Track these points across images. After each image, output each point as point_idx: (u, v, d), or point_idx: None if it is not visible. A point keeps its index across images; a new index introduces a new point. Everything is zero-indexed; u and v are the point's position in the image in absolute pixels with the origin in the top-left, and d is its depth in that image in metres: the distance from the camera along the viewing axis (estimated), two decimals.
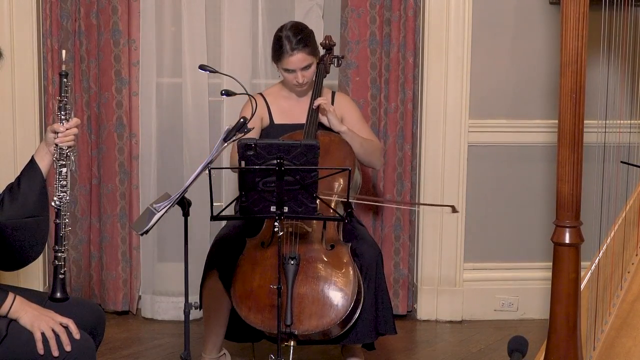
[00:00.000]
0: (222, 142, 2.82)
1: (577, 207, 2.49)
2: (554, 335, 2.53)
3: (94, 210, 4.28)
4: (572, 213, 2.48)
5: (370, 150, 3.58)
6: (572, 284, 2.49)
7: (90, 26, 4.15)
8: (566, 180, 2.47)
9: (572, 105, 2.44)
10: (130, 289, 4.32)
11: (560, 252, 2.50)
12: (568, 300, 2.50)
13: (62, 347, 2.41)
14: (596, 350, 2.79)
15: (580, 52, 2.41)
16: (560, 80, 2.45)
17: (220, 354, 3.56)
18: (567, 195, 2.47)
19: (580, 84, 2.43)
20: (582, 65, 2.42)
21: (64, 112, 2.56)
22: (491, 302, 4.40)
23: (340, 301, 3.12)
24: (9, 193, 2.50)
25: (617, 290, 3.01)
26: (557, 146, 2.49)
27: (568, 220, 2.49)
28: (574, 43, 2.41)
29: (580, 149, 2.46)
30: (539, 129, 4.30)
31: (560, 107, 2.46)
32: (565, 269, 2.50)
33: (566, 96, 2.44)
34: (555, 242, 2.51)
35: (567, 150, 2.46)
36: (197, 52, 4.20)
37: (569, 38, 2.41)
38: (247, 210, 2.90)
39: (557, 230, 2.50)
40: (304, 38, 3.48)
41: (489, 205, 4.37)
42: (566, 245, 2.49)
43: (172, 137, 4.33)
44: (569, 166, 2.46)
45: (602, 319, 2.89)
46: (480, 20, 4.23)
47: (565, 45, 2.42)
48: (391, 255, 4.34)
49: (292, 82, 3.52)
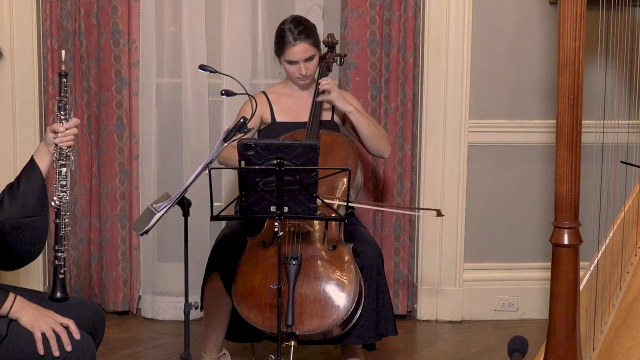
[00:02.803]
0: (222, 142, 2.82)
1: (576, 208, 2.48)
2: (554, 336, 2.52)
3: (94, 210, 4.28)
4: (570, 214, 2.48)
5: (378, 132, 3.56)
6: (571, 285, 2.49)
7: (90, 26, 4.15)
8: (564, 181, 2.46)
9: (570, 106, 2.43)
10: (130, 289, 4.32)
11: (559, 253, 2.49)
12: (567, 301, 2.49)
13: (63, 347, 2.40)
14: (595, 350, 2.79)
15: (578, 53, 2.41)
16: (557, 81, 2.44)
17: (221, 354, 3.56)
18: (566, 196, 2.46)
19: (578, 84, 2.42)
20: (580, 66, 2.41)
21: (63, 112, 2.56)
22: (491, 302, 4.40)
23: (342, 302, 3.11)
24: (8, 193, 2.50)
25: (617, 290, 3.01)
26: (555, 147, 2.48)
27: (567, 222, 2.48)
28: (571, 44, 2.41)
29: (578, 150, 2.45)
30: (538, 129, 4.30)
31: (558, 108, 2.45)
32: (564, 270, 2.49)
33: (564, 97, 2.43)
34: (553, 243, 2.51)
35: (565, 151, 2.45)
36: (197, 52, 4.20)
37: (567, 39, 2.41)
38: (247, 210, 2.90)
39: (555, 232, 2.50)
40: (307, 29, 3.48)
41: (489, 205, 4.37)
42: (565, 247, 2.48)
43: (172, 137, 4.33)
44: (568, 167, 2.45)
45: (602, 319, 2.89)
46: (480, 20, 4.23)
47: (562, 46, 2.42)
48: (391, 255, 4.34)
49: (295, 75, 3.52)
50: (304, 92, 3.60)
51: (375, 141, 3.54)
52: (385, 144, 3.60)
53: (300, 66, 3.49)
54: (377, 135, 3.55)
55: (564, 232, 2.48)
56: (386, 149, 3.62)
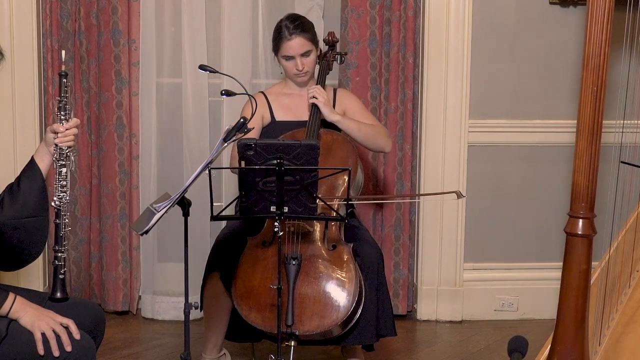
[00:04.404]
0: (222, 142, 2.82)
1: (592, 198, 2.51)
2: (562, 326, 2.54)
3: (94, 210, 4.28)
4: (586, 204, 2.50)
5: (372, 133, 3.55)
6: (582, 276, 2.51)
7: (90, 26, 4.15)
8: (582, 172, 2.49)
9: (592, 97, 2.46)
10: (130, 289, 4.32)
11: (573, 242, 2.52)
12: (578, 291, 2.51)
13: (63, 347, 2.41)
14: (602, 345, 2.80)
15: (604, 46, 2.44)
16: (582, 73, 2.47)
17: (221, 354, 3.56)
18: (583, 187, 2.50)
19: (602, 77, 2.46)
20: (605, 59, 2.45)
21: (63, 113, 2.56)
22: (491, 302, 4.40)
23: (342, 302, 3.11)
24: (9, 193, 2.50)
25: (625, 288, 3.03)
26: (576, 138, 2.51)
27: (582, 211, 2.51)
28: (598, 35, 2.44)
29: (598, 141, 2.49)
30: (538, 129, 4.30)
31: (581, 99, 2.49)
32: (577, 260, 2.51)
33: (587, 89, 2.47)
34: (568, 232, 2.53)
35: (585, 142, 2.48)
36: (197, 52, 4.20)
37: (594, 31, 2.44)
38: (247, 210, 2.90)
39: (570, 221, 2.52)
40: (302, 24, 3.49)
41: (489, 205, 4.37)
42: (579, 236, 2.51)
43: (172, 137, 4.33)
44: (587, 158, 2.48)
45: (609, 315, 2.90)
46: (480, 20, 4.23)
47: (589, 38, 2.44)
48: (391, 255, 4.34)
49: (292, 72, 3.52)
50: (304, 91, 3.59)
51: (370, 142, 3.55)
52: (383, 140, 3.59)
53: (297, 61, 3.49)
54: (372, 135, 3.55)
55: (579, 221, 2.51)
56: (386, 145, 3.61)
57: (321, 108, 3.46)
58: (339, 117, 3.49)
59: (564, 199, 4.30)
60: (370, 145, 3.57)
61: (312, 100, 3.47)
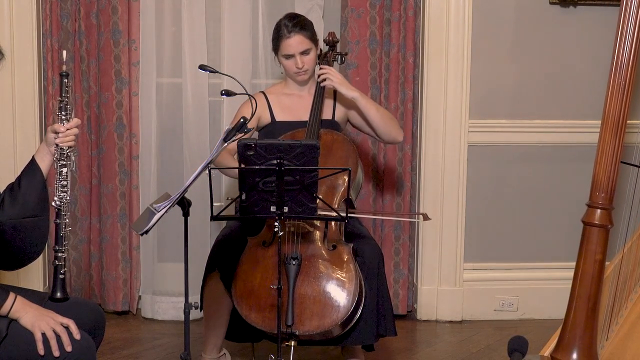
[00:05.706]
0: (222, 142, 2.82)
1: (612, 190, 2.54)
2: (573, 314, 2.57)
3: (94, 210, 4.28)
4: (606, 195, 2.54)
5: (388, 116, 3.54)
6: (597, 265, 2.54)
7: (90, 26, 4.15)
8: (604, 163, 2.53)
9: (620, 90, 2.51)
10: (130, 289, 4.32)
11: (589, 232, 2.55)
12: (592, 280, 2.54)
13: (63, 347, 2.40)
14: (609, 340, 2.82)
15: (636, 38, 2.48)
16: (612, 64, 2.51)
17: (220, 354, 3.56)
18: (603, 177, 2.53)
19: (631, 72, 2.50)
20: (635, 53, 2.49)
21: (64, 113, 2.56)
22: (491, 302, 4.40)
23: (342, 302, 3.11)
24: (9, 193, 2.50)
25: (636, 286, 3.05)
26: (600, 129, 2.55)
27: (600, 202, 2.54)
28: (631, 29, 2.48)
29: (622, 134, 2.52)
30: (538, 129, 4.31)
31: (609, 90, 2.52)
32: (592, 249, 2.55)
33: (615, 81, 2.51)
34: (585, 222, 2.56)
35: (608, 134, 2.52)
36: (197, 52, 4.20)
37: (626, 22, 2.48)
38: (247, 210, 2.90)
39: (588, 211, 2.56)
40: (301, 22, 3.49)
41: (489, 205, 4.37)
42: (596, 226, 2.54)
43: (172, 137, 4.34)
44: (610, 149, 2.52)
45: (618, 311, 2.92)
46: (480, 20, 4.23)
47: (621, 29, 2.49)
48: (391, 255, 4.34)
49: (292, 70, 3.51)
50: (304, 91, 3.59)
51: (386, 126, 3.51)
52: (397, 128, 3.57)
53: (296, 59, 3.48)
54: (388, 118, 3.53)
55: (597, 211, 2.55)
56: (398, 134, 3.57)
57: (337, 87, 3.45)
58: (357, 93, 3.47)
59: (564, 199, 4.34)
60: (385, 130, 3.52)
61: (326, 83, 3.46)
